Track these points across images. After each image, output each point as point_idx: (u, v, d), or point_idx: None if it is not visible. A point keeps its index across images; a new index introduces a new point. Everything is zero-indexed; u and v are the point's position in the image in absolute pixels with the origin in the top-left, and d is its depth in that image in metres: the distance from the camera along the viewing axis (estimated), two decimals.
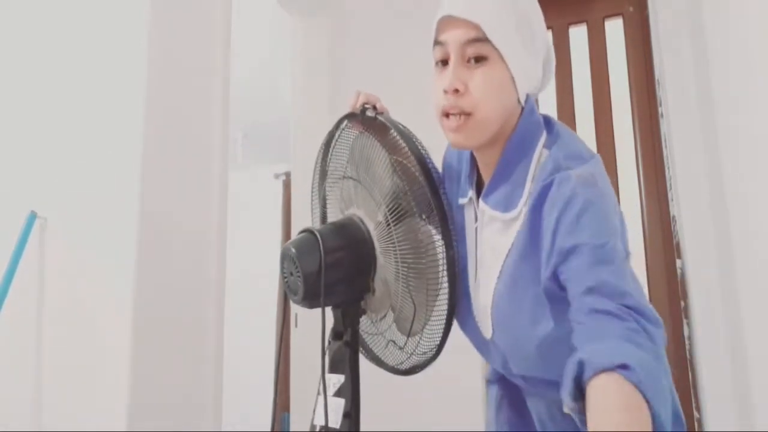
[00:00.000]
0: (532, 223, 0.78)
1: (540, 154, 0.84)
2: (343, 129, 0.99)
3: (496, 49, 0.81)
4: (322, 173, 1.05)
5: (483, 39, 0.80)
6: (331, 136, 1.01)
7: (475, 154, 0.91)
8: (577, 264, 0.71)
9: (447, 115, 0.83)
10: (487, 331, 0.88)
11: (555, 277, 0.74)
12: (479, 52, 0.81)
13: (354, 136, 0.97)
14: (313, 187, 1.08)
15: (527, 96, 0.87)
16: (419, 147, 0.89)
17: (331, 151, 1.03)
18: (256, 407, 3.42)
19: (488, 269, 0.86)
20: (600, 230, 0.73)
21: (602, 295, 0.68)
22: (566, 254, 0.72)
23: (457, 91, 0.81)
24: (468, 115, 0.81)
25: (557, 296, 0.75)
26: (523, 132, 0.85)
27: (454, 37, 0.82)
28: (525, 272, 0.79)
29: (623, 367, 0.60)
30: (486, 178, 0.89)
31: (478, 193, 0.90)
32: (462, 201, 0.93)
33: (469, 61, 0.82)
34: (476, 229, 0.89)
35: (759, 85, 1.56)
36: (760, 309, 1.66)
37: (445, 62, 0.84)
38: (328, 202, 1.04)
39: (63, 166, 1.69)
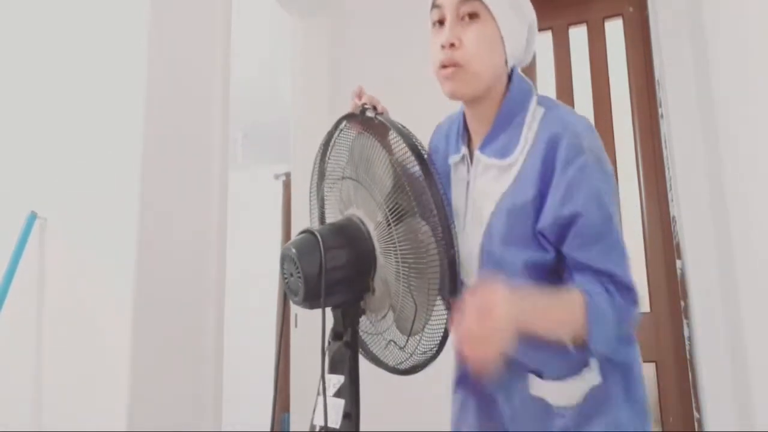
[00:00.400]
0: (542, 167, 0.87)
1: (534, 109, 0.93)
2: (341, 130, 0.99)
3: (487, 8, 0.90)
4: (321, 174, 1.05)
5: None
6: (329, 136, 1.01)
7: (467, 111, 0.99)
8: (583, 238, 0.84)
9: (443, 66, 0.92)
10: (471, 278, 0.93)
11: (555, 226, 0.86)
12: (472, 8, 0.90)
13: (353, 136, 0.98)
14: (311, 188, 1.08)
15: (513, 67, 0.97)
16: (419, 147, 0.89)
17: (329, 151, 1.03)
18: (256, 407, 3.42)
19: (480, 212, 0.92)
20: (606, 211, 0.85)
21: (609, 283, 0.84)
22: (569, 221, 0.84)
23: (453, 45, 0.90)
24: (461, 66, 0.90)
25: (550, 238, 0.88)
26: (517, 91, 0.95)
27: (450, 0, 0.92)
28: (526, 207, 0.88)
29: (588, 293, 0.82)
30: (477, 137, 0.98)
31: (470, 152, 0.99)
32: (453, 159, 1.00)
33: (463, 18, 0.91)
34: (468, 182, 0.96)
35: (759, 85, 1.56)
36: (760, 309, 1.66)
37: (441, 23, 0.93)
38: (326, 202, 1.04)
39: (63, 166, 1.69)
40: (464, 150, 0.99)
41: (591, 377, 0.91)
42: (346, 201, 0.97)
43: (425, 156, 0.89)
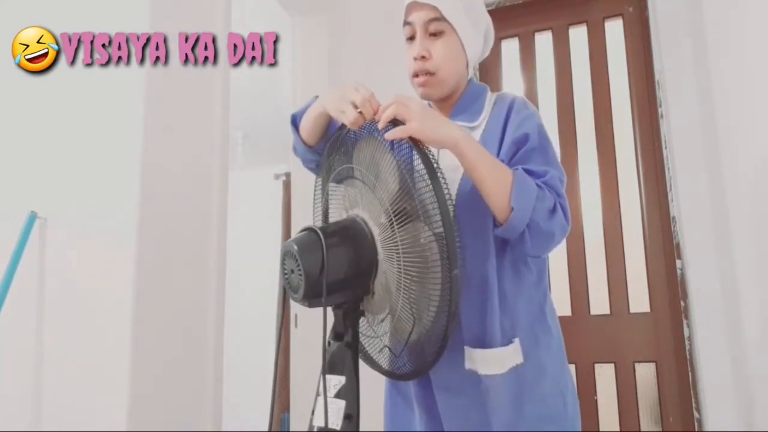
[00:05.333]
0: (503, 123, 1.06)
1: (490, 96, 1.14)
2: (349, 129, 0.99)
3: (450, 25, 1.07)
4: (328, 170, 1.05)
5: (441, 18, 1.06)
6: (339, 133, 1.02)
7: (435, 105, 1.17)
8: (528, 152, 1.01)
9: (416, 75, 1.09)
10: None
11: (512, 146, 1.03)
12: (438, 28, 1.07)
13: (362, 136, 0.97)
14: (316, 183, 1.08)
15: (471, 78, 1.17)
16: (430, 156, 0.88)
17: (336, 148, 1.03)
18: (256, 407, 3.42)
19: (452, 163, 1.00)
20: (545, 140, 1.04)
21: (536, 177, 0.98)
22: (521, 139, 1.02)
23: (423, 57, 1.08)
24: (432, 74, 1.08)
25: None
26: (477, 86, 1.16)
27: (419, 18, 1.08)
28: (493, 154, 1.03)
29: (516, 170, 0.96)
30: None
31: None
32: None
33: (430, 35, 1.08)
34: None
35: (759, 85, 1.56)
36: (760, 310, 1.66)
37: (412, 38, 1.10)
38: (331, 199, 1.04)
39: (63, 166, 1.69)
40: None
41: (515, 354, 1.00)
42: (351, 200, 0.97)
43: (436, 167, 0.88)
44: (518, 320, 1.01)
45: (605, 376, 2.19)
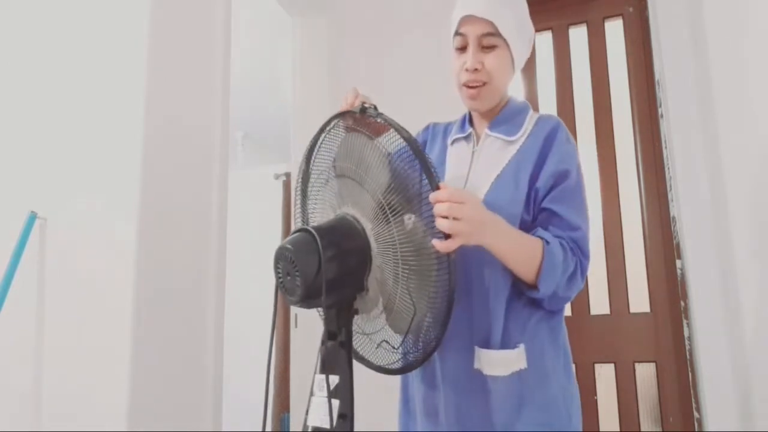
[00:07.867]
0: (543, 145, 1.09)
1: (531, 113, 1.17)
2: (329, 130, 0.99)
3: (504, 40, 1.10)
4: (306, 174, 1.05)
5: (496, 33, 1.09)
6: (317, 137, 1.02)
7: (477, 117, 1.20)
8: (564, 193, 1.05)
9: (467, 86, 1.12)
10: None
11: (551, 178, 1.06)
12: (492, 42, 1.10)
13: (343, 135, 0.98)
14: (296, 188, 1.08)
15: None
16: (419, 145, 0.89)
17: (316, 151, 1.03)
18: (256, 407, 3.42)
19: (484, 173, 1.10)
20: (581, 182, 1.09)
21: (566, 241, 1.03)
22: (562, 174, 1.06)
23: (477, 69, 1.10)
24: (485, 84, 1.11)
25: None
26: (517, 101, 1.20)
27: (473, 31, 1.10)
28: (522, 174, 1.08)
29: (546, 241, 1.00)
30: (480, 127, 1.19)
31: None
32: (456, 137, 1.21)
33: (483, 48, 1.11)
34: (473, 153, 1.16)
35: (759, 85, 1.56)
36: (760, 309, 1.66)
37: (462, 49, 1.12)
38: (315, 202, 1.04)
39: (63, 166, 1.69)
40: (470, 130, 1.19)
41: (519, 359, 1.02)
42: (338, 199, 0.97)
43: (425, 154, 0.89)
44: (526, 328, 1.04)
45: (605, 376, 2.18)
